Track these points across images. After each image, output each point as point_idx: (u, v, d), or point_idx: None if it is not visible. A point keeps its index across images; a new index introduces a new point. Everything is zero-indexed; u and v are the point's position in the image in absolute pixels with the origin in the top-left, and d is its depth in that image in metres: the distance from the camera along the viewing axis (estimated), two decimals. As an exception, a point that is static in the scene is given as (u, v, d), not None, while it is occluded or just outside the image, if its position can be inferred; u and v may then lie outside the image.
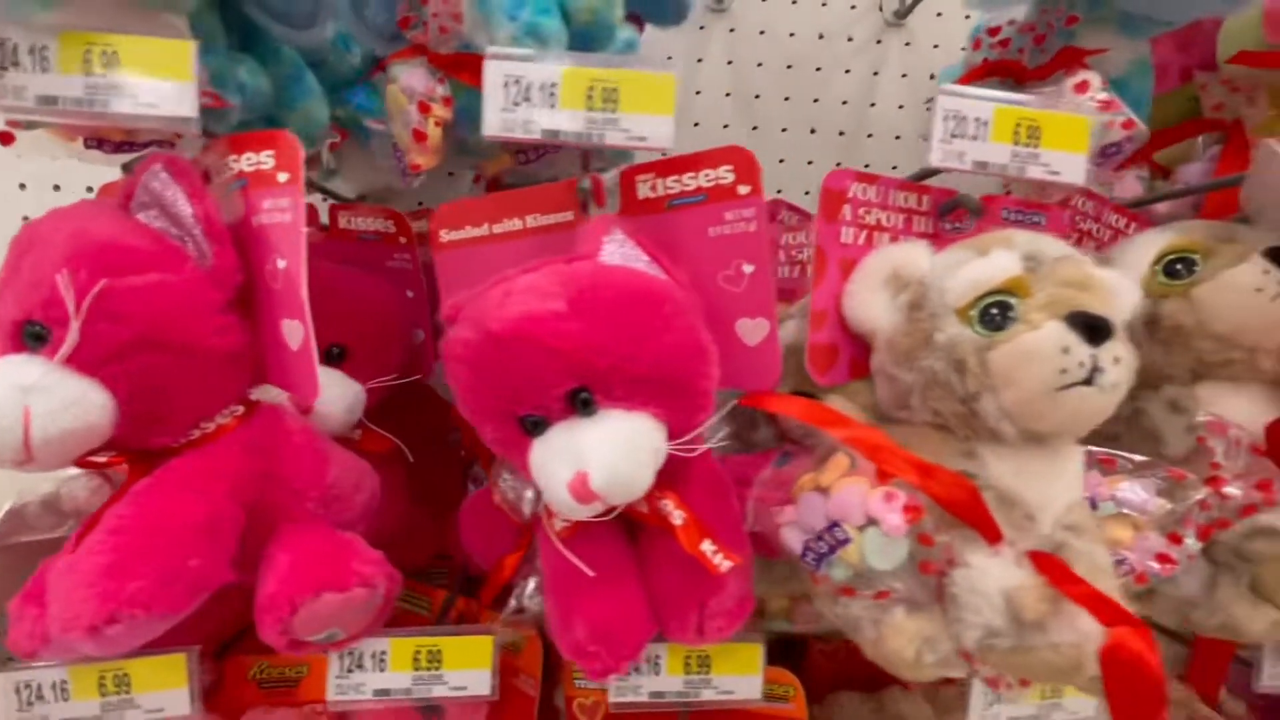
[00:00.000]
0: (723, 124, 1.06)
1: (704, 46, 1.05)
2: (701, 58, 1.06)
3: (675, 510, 0.52)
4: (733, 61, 1.06)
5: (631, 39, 0.69)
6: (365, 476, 0.63)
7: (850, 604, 0.51)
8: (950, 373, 0.48)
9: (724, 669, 0.60)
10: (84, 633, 0.43)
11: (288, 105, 0.74)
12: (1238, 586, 0.54)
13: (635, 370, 0.46)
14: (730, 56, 1.06)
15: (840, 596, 0.51)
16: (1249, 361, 0.58)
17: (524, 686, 0.72)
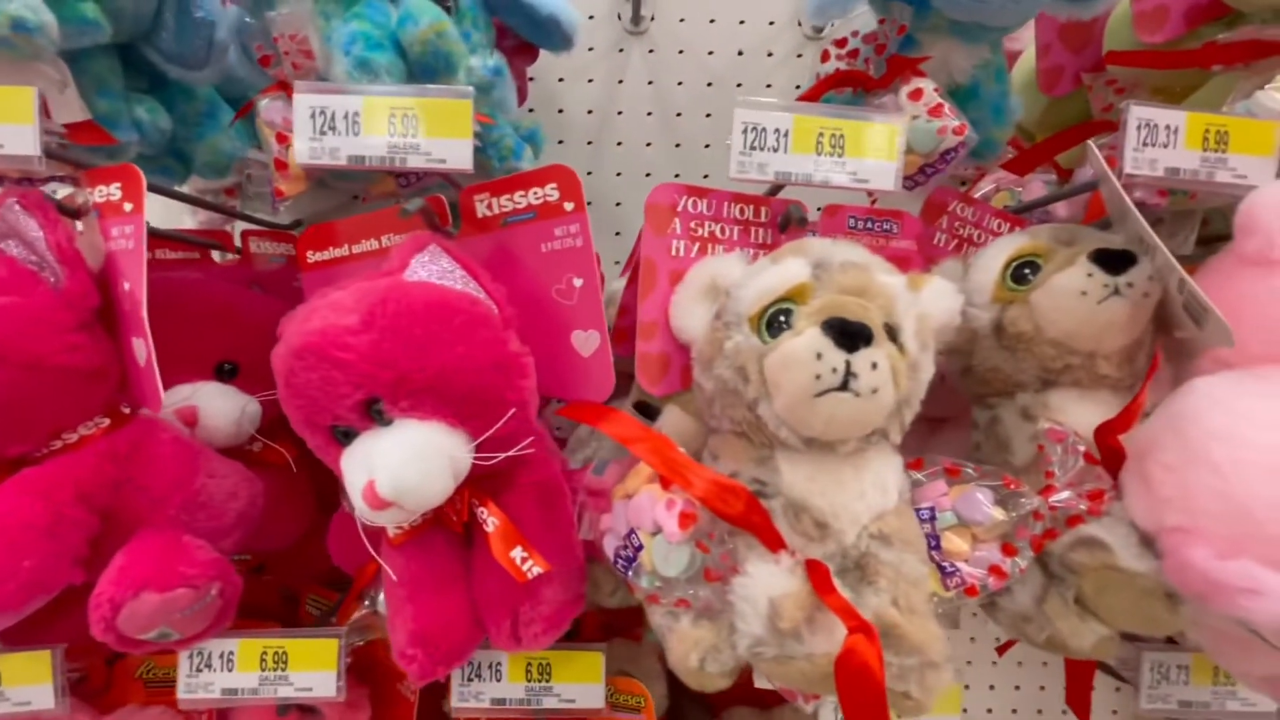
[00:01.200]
0: (645, 142, 1.08)
1: (624, 68, 1.08)
2: (622, 79, 1.08)
3: (489, 517, 0.54)
4: (653, 81, 1.08)
5: (498, 66, 0.72)
6: (243, 485, 0.67)
7: (654, 611, 0.51)
8: (737, 380, 0.49)
9: (565, 677, 0.60)
10: (-89, 625, 0.47)
11: (196, 139, 0.80)
12: (1065, 600, 0.52)
13: (421, 381, 0.48)
14: (650, 77, 1.08)
15: (649, 604, 0.52)
16: (1089, 367, 0.56)
17: (405, 693, 0.74)
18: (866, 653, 0.39)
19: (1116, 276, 0.52)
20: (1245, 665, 0.49)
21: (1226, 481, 0.44)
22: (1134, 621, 0.48)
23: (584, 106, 1.09)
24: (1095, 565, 0.49)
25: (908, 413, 0.50)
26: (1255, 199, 0.51)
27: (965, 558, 0.54)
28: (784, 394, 0.45)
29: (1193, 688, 0.61)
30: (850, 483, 0.49)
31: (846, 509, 0.49)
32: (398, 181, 0.76)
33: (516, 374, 0.52)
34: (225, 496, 0.64)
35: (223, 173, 0.82)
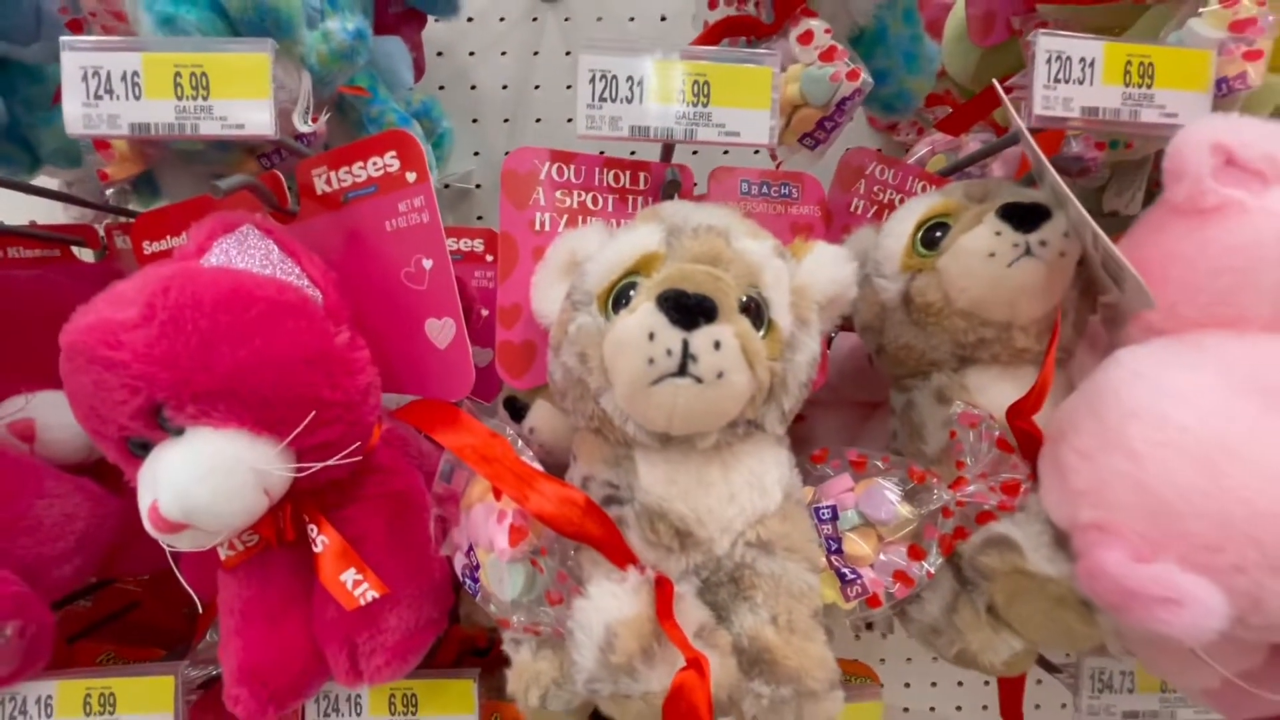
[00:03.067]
0: (566, 118, 1.01)
1: (539, 39, 1.00)
2: (537, 50, 1.01)
3: (319, 536, 0.47)
4: (570, 52, 1.01)
5: (360, 29, 0.65)
6: (85, 505, 0.60)
7: (505, 638, 0.45)
8: (581, 368, 0.42)
9: (433, 709, 0.54)
10: None
11: (42, 124, 0.73)
12: (976, 610, 0.45)
13: (209, 382, 0.41)
14: (568, 47, 1.00)
15: (502, 629, 0.45)
16: (1005, 340, 0.49)
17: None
18: (695, 692, 0.33)
19: (1027, 234, 0.45)
20: (1183, 678, 0.43)
21: (1143, 469, 0.37)
22: (1047, 632, 0.42)
23: (498, 81, 1.01)
24: (1005, 569, 0.42)
25: (786, 399, 0.43)
26: (1183, 138, 0.44)
27: (870, 562, 0.48)
28: (621, 382, 0.38)
29: (1139, 696, 0.54)
30: (717, 484, 0.42)
31: (713, 514, 0.42)
32: (260, 161, 0.69)
33: (340, 371, 0.45)
34: (59, 519, 0.58)
35: (75, 162, 0.74)
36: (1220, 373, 0.39)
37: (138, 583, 0.88)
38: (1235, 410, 0.37)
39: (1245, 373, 0.38)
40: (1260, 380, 0.38)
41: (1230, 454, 0.35)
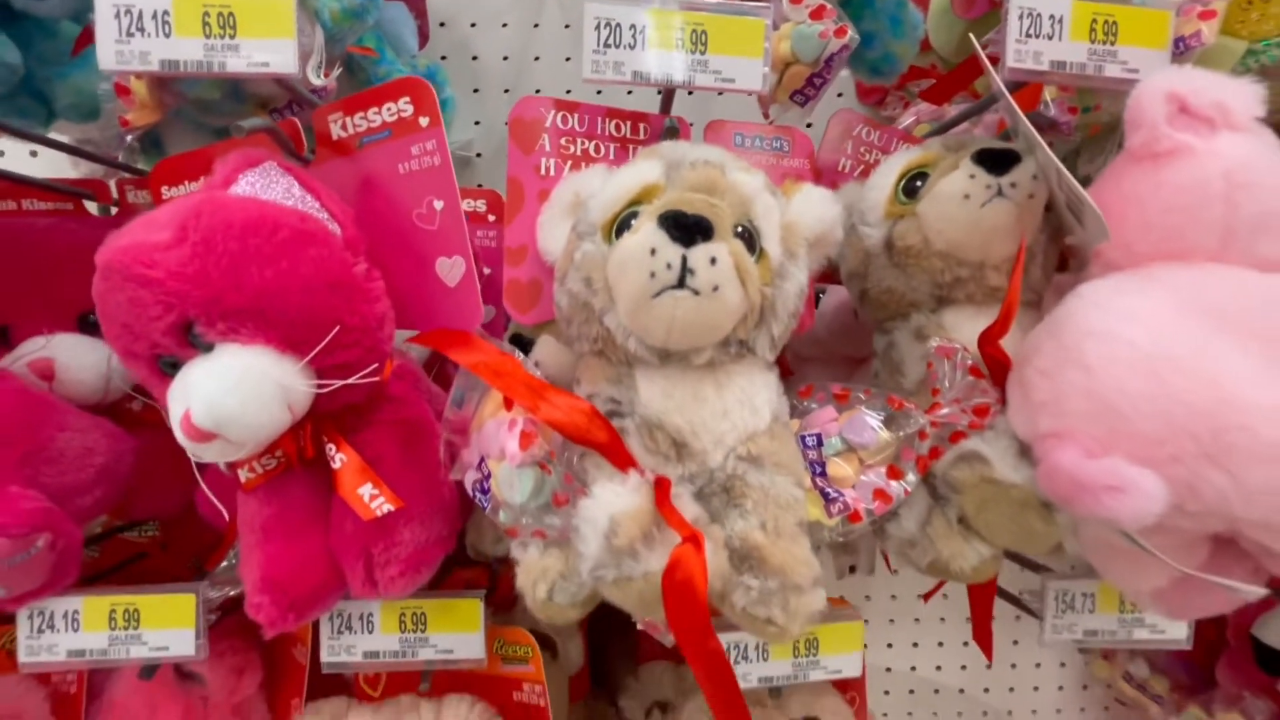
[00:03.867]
0: (565, 89, 1.04)
1: (539, 11, 1.03)
2: (537, 23, 1.04)
3: (337, 454, 0.50)
4: (570, 25, 1.03)
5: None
6: (104, 441, 0.63)
7: (512, 545, 0.48)
8: (586, 291, 0.45)
9: (442, 626, 0.57)
10: None
11: (57, 79, 0.75)
12: (949, 521, 0.49)
13: (238, 301, 0.44)
14: (567, 19, 1.03)
15: (510, 539, 0.48)
16: (979, 279, 0.53)
17: (298, 656, 0.70)
18: (691, 563, 0.36)
19: (999, 177, 0.49)
20: (1133, 580, 0.47)
21: (1096, 379, 0.41)
22: (1012, 536, 0.46)
23: (499, 53, 1.04)
24: (974, 480, 0.46)
25: (775, 325, 0.47)
26: (1141, 89, 0.48)
27: (851, 483, 0.51)
28: (624, 297, 0.42)
29: (1099, 615, 0.59)
30: (711, 400, 0.46)
31: (707, 427, 0.45)
32: (270, 114, 0.72)
33: (359, 297, 0.48)
34: (81, 451, 0.60)
35: (90, 116, 0.76)
36: (1168, 297, 0.43)
37: (145, 535, 0.90)
38: (1179, 327, 0.41)
39: (1189, 296, 0.42)
40: (1202, 302, 0.42)
41: (1172, 363, 0.39)
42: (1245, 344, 0.39)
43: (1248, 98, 0.46)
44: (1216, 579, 0.39)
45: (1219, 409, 0.37)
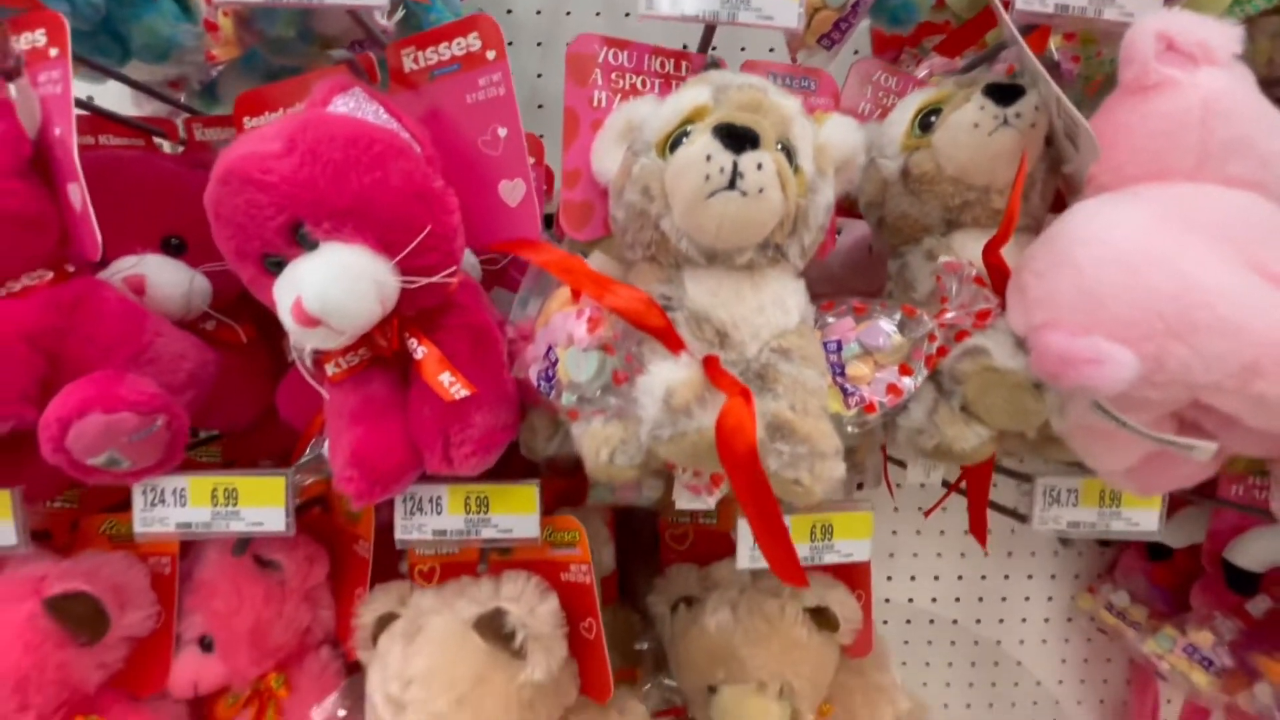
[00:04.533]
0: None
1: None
2: (569, -24, 1.08)
3: (419, 347, 0.57)
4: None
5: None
6: (194, 350, 0.69)
7: (574, 426, 0.55)
8: (643, 201, 0.52)
9: (502, 509, 0.64)
10: None
11: (133, 19, 0.80)
12: (952, 409, 0.56)
13: (342, 203, 0.51)
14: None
15: (570, 421, 0.56)
16: (985, 203, 0.59)
17: (361, 551, 0.78)
18: (742, 411, 0.43)
19: (1006, 108, 0.56)
20: (1109, 458, 0.54)
21: (1084, 276, 0.48)
22: (1008, 415, 0.53)
23: (533, 7, 1.09)
24: (976, 369, 0.53)
25: (806, 234, 0.53)
26: (1134, 29, 0.54)
27: (867, 381, 0.58)
28: (680, 199, 0.48)
29: (1081, 509, 0.66)
30: (749, 297, 0.53)
31: (746, 321, 0.52)
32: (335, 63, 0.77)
33: (439, 207, 0.55)
34: (174, 356, 0.67)
35: (161, 56, 0.82)
36: (1148, 209, 0.49)
37: (205, 459, 0.98)
38: (1155, 231, 0.47)
39: (1167, 208, 0.49)
40: (1178, 212, 0.49)
41: (1148, 258, 0.46)
42: (1212, 245, 0.46)
43: (1227, 37, 0.52)
44: (1176, 439, 0.46)
45: (1184, 293, 0.43)
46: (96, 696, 0.67)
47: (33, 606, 0.62)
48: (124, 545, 0.72)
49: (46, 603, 0.62)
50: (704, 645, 0.75)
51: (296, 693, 0.75)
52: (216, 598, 0.72)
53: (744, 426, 0.43)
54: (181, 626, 0.72)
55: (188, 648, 0.72)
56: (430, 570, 0.76)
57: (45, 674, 0.61)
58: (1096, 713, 1.39)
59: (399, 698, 0.61)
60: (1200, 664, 1.05)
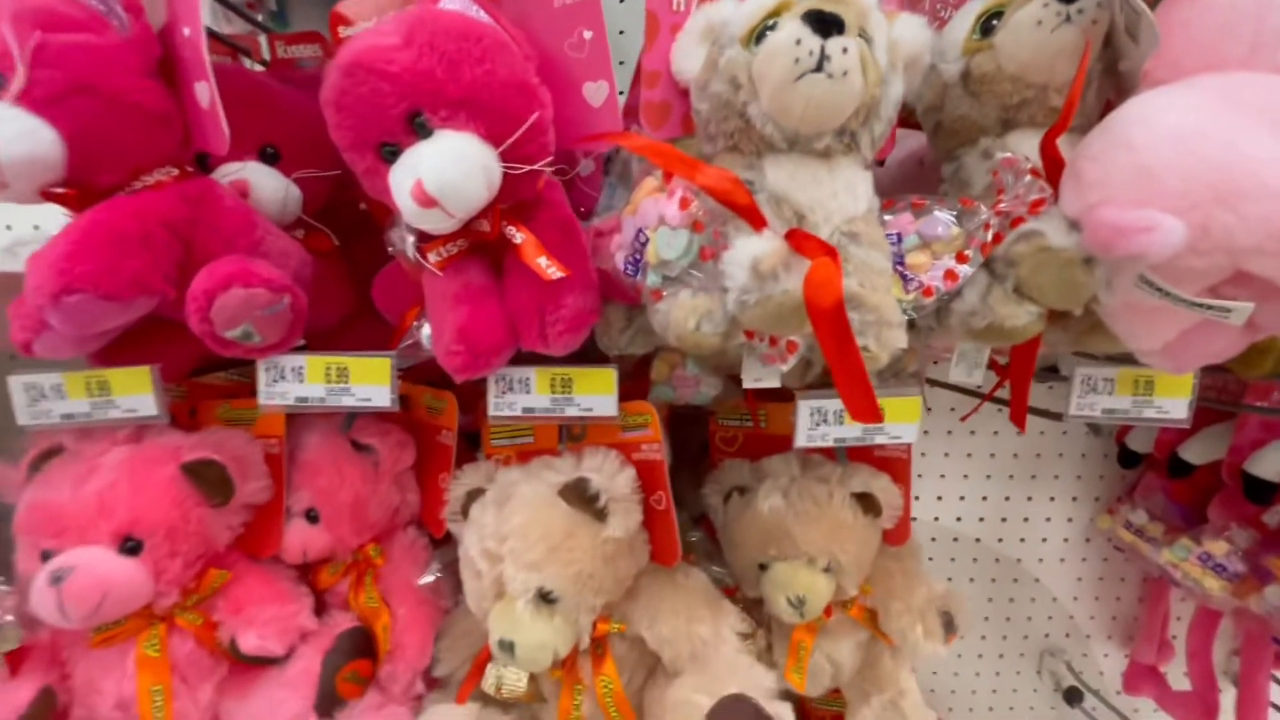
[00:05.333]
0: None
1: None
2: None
3: (517, 233, 0.63)
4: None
5: None
6: (295, 250, 0.76)
7: (660, 306, 0.61)
8: (729, 91, 0.56)
9: (584, 390, 0.71)
10: (49, 298, 0.57)
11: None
12: (1005, 291, 0.61)
13: (457, 93, 0.56)
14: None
15: (654, 302, 0.62)
16: (1042, 101, 0.63)
17: (444, 440, 0.86)
18: (830, 268, 0.49)
19: (1069, 4, 0.59)
20: (1148, 336, 0.59)
21: (1138, 154, 0.52)
22: (1059, 291, 0.58)
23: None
24: (1030, 251, 0.58)
25: (877, 125, 0.58)
26: (1193, -72, 0.56)
27: (926, 270, 0.64)
28: (768, 84, 0.53)
29: (1116, 397, 0.72)
30: (825, 182, 0.58)
31: (821, 204, 0.58)
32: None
33: (536, 99, 0.60)
34: (281, 253, 0.73)
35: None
36: (1202, 93, 0.53)
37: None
38: (1207, 111, 0.51)
39: (1220, 92, 0.53)
40: (1230, 96, 0.52)
41: (1200, 135, 0.50)
42: (1262, 123, 0.50)
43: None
44: (1214, 302, 0.51)
45: (1233, 164, 0.48)
46: (225, 554, 0.76)
47: (173, 470, 0.70)
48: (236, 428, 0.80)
49: (184, 467, 0.70)
50: (757, 527, 0.82)
51: (390, 563, 0.84)
52: (321, 475, 0.80)
53: (832, 280, 0.48)
54: (290, 500, 0.80)
55: (296, 519, 0.80)
56: (506, 459, 0.83)
57: (189, 526, 0.70)
58: (1108, 628, 1.47)
59: (496, 551, 0.69)
60: (1214, 570, 1.12)
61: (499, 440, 0.84)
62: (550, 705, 0.76)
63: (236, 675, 0.77)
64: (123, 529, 0.67)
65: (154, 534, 0.68)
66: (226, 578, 0.74)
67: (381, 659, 0.80)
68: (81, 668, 0.69)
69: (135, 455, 0.70)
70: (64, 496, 0.66)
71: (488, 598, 0.70)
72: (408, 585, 0.83)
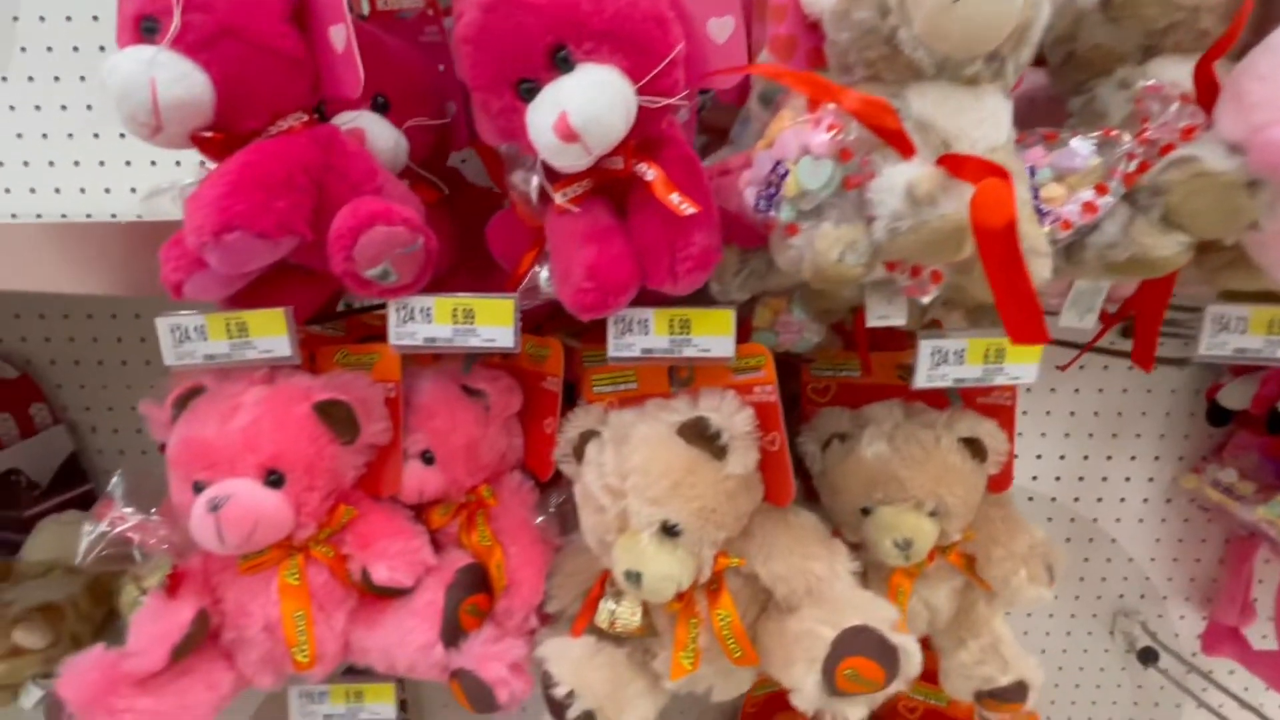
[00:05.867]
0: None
1: None
2: None
3: (648, 170, 0.63)
4: None
5: None
6: (412, 196, 0.77)
7: (795, 241, 0.61)
8: (875, 18, 0.55)
9: (701, 330, 0.72)
10: (211, 235, 0.59)
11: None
12: (1150, 220, 0.60)
13: (600, 25, 0.56)
14: None
15: (788, 238, 0.62)
16: (1191, 23, 0.61)
17: (550, 386, 0.88)
18: (1001, 188, 0.48)
19: (1230, -82, 0.56)
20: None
21: (1315, 70, 0.50)
22: (1216, 217, 0.56)
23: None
24: (1184, 176, 0.57)
25: (1024, 50, 0.57)
26: None
27: (1062, 203, 0.62)
28: (924, 7, 0.52)
29: (1249, 336, 0.70)
30: (970, 110, 0.57)
31: (965, 133, 0.57)
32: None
33: (673, 33, 0.60)
34: (402, 195, 0.75)
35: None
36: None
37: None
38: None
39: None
40: None
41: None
42: None
43: None
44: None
45: None
46: (349, 492, 0.79)
47: (307, 409, 0.73)
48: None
49: (316, 406, 0.73)
50: (861, 472, 0.83)
51: (501, 504, 0.87)
52: (436, 418, 0.82)
53: (1005, 200, 0.48)
54: (406, 443, 0.83)
55: (413, 460, 0.83)
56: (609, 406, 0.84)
57: (323, 462, 0.73)
58: (1186, 590, 1.45)
59: (619, 487, 0.71)
60: (1313, 527, 1.09)
61: (602, 387, 0.85)
62: (663, 639, 0.78)
63: (363, 607, 0.80)
64: (267, 462, 0.70)
65: (294, 468, 0.71)
66: (354, 513, 0.77)
67: (497, 595, 0.83)
68: (231, 593, 0.74)
69: (273, 394, 0.73)
70: (211, 432, 0.70)
71: (611, 531, 0.72)
72: (519, 524, 0.86)
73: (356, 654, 0.80)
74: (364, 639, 0.79)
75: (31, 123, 1.11)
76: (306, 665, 0.73)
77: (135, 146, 1.12)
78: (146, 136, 0.62)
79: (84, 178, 1.14)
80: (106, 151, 1.12)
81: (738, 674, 0.78)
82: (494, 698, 0.76)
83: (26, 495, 1.20)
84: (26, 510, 1.19)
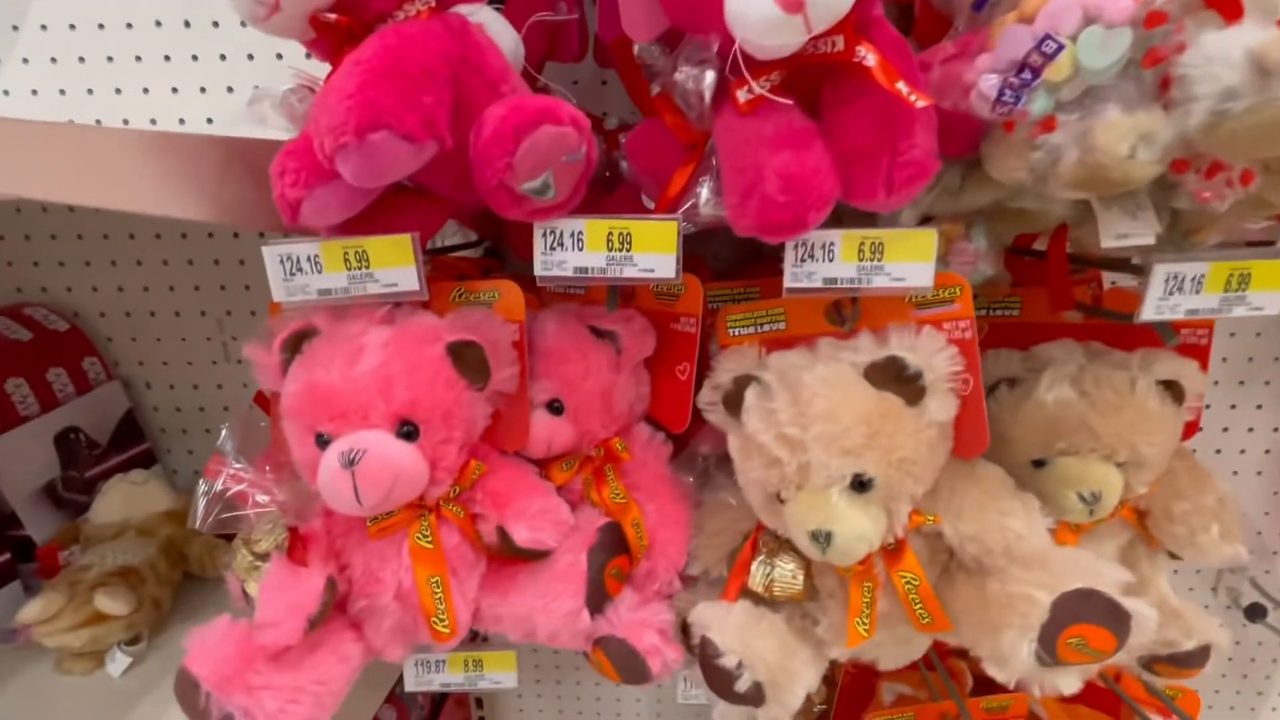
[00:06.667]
0: None
1: None
2: None
3: (868, 54, 0.52)
4: None
5: None
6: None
7: (1052, 138, 0.50)
8: None
9: (897, 256, 0.62)
10: (354, 134, 0.48)
11: None
12: None
13: None
14: None
15: (1040, 136, 0.51)
16: None
17: (684, 327, 0.78)
18: None
19: None
20: None
21: None
22: None
23: None
24: None
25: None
26: None
27: None
28: None
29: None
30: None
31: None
32: None
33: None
34: (530, 101, 0.64)
35: None
36: None
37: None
38: None
39: None
40: None
41: None
42: None
43: None
44: None
45: None
46: (477, 446, 0.71)
47: (440, 350, 0.64)
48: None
49: (449, 347, 0.64)
50: (1040, 419, 0.74)
51: (635, 458, 0.78)
52: (568, 363, 0.73)
53: None
54: (532, 391, 0.74)
55: (538, 411, 0.74)
56: (761, 345, 0.75)
57: (460, 409, 0.64)
58: (1297, 545, 1.38)
59: (800, 438, 0.62)
60: None
61: (739, 328, 0.76)
62: (829, 603, 0.71)
63: (492, 571, 0.73)
64: (402, 411, 0.61)
65: (430, 417, 0.62)
66: (484, 469, 0.69)
67: (637, 556, 0.75)
68: (359, 558, 0.66)
69: (399, 334, 0.64)
70: (336, 378, 0.61)
71: (789, 487, 0.63)
72: (656, 479, 0.78)
73: (488, 622, 0.72)
74: (497, 606, 0.71)
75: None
76: (447, 635, 0.66)
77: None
78: (263, 17, 0.51)
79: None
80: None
81: (915, 641, 0.71)
82: (647, 668, 0.69)
83: (87, 455, 1.12)
84: (88, 470, 1.12)
